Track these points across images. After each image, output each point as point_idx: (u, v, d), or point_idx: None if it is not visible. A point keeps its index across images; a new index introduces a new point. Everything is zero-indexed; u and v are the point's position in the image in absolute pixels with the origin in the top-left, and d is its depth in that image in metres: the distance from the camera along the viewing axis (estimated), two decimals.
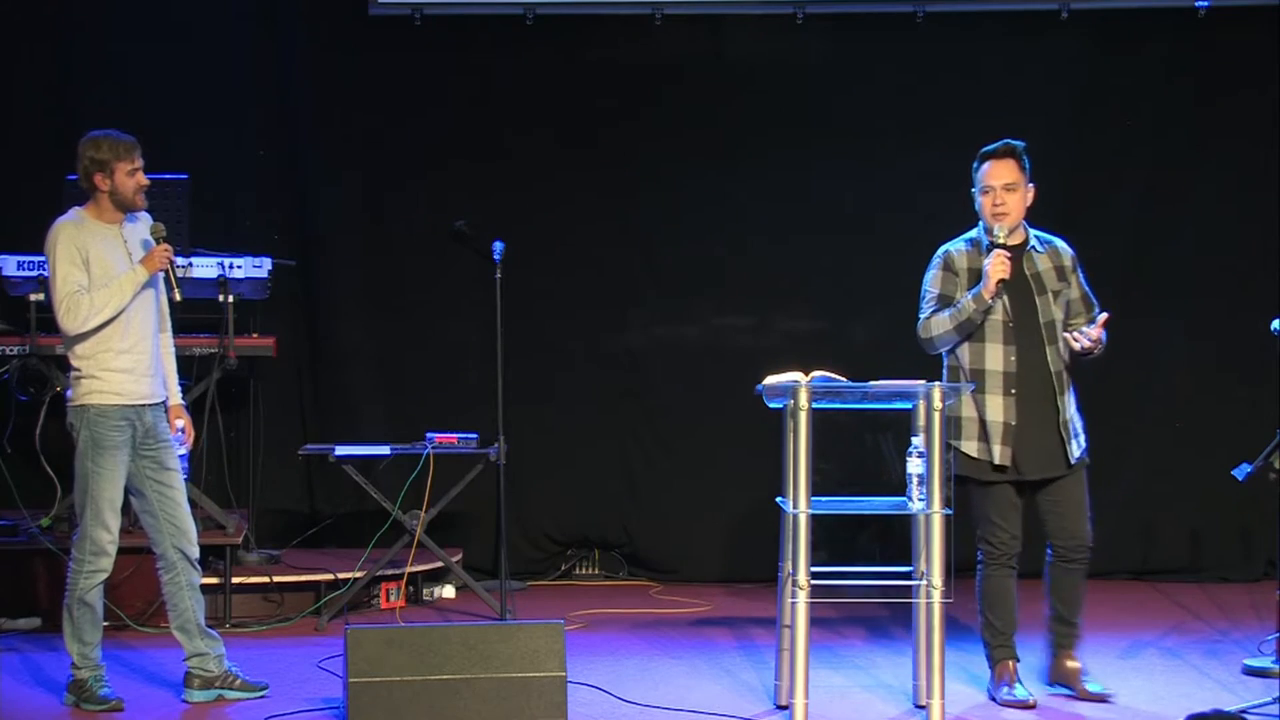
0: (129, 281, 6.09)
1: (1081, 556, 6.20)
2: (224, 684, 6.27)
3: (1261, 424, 7.45)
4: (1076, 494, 6.17)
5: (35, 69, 8.51)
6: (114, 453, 6.09)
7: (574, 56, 8.71)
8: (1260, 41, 8.47)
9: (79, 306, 6.02)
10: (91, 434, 6.09)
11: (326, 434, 8.40)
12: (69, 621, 6.15)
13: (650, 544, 8.78)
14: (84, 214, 6.18)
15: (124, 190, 6.13)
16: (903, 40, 8.65)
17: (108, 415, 6.09)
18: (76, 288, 6.03)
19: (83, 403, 6.12)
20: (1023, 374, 6.10)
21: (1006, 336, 6.11)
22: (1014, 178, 6.14)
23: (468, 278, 8.13)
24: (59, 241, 6.09)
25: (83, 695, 6.15)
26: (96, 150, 6.11)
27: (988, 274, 6.05)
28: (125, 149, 6.12)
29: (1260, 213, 8.55)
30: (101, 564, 6.11)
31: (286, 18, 8.61)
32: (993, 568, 6.19)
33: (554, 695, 5.79)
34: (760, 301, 8.79)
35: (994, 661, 6.26)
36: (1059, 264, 6.22)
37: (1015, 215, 6.15)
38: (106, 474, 6.09)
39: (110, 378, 6.09)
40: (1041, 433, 6.11)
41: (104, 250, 6.11)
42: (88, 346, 6.10)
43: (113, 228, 6.18)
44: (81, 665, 6.17)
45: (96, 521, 6.09)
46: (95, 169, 6.11)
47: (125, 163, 6.11)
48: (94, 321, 6.04)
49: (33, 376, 7.54)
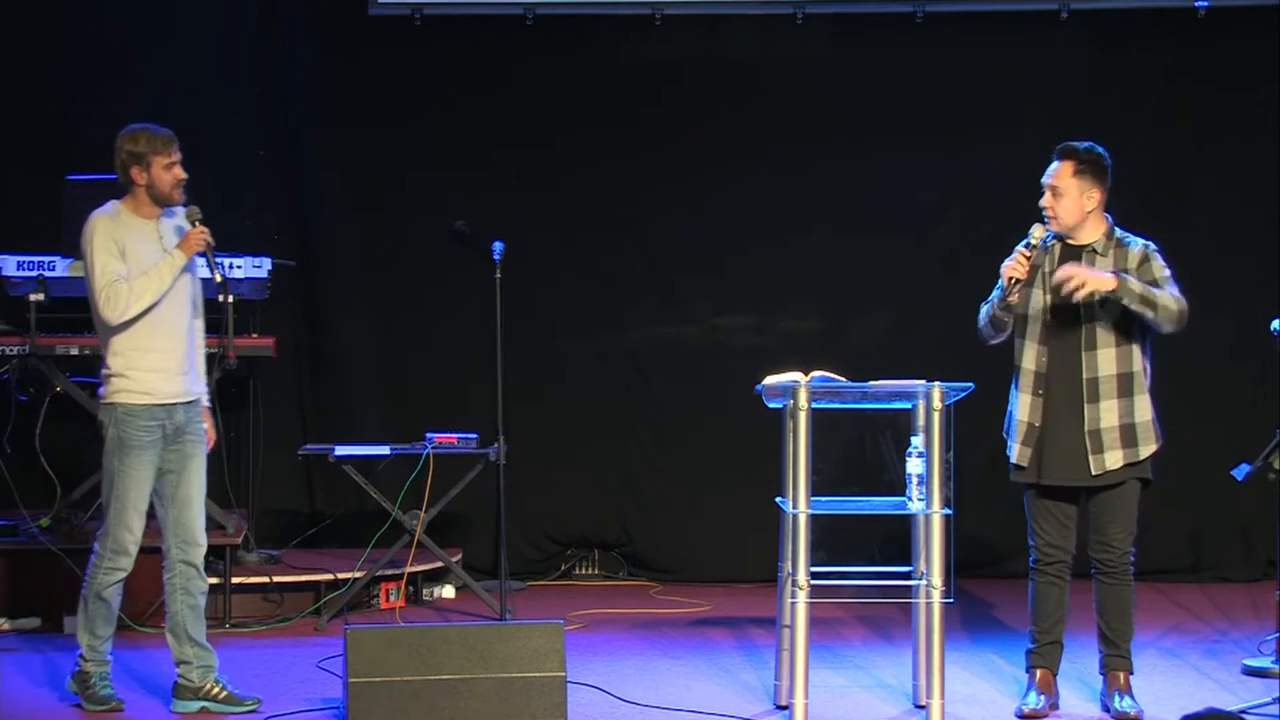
0: (167, 266, 6.02)
1: (1115, 569, 6.01)
2: (206, 695, 6.15)
3: (1261, 424, 7.46)
4: (1115, 505, 5.98)
5: (35, 69, 8.51)
6: (140, 453, 6.03)
7: (574, 56, 8.71)
8: (1260, 41, 8.48)
9: (118, 295, 5.95)
10: (119, 433, 6.03)
11: (326, 434, 8.40)
12: (83, 613, 6.12)
13: (650, 544, 8.78)
14: (120, 207, 6.10)
15: (161, 184, 6.05)
16: (903, 40, 8.65)
17: (136, 415, 6.02)
18: (115, 277, 5.95)
19: (112, 401, 6.05)
20: (1053, 375, 5.97)
21: (1042, 336, 5.98)
22: (1064, 180, 5.98)
23: (468, 278, 8.13)
24: (95, 233, 6.01)
25: (85, 690, 6.13)
26: (134, 144, 6.05)
27: (1003, 269, 5.99)
28: (163, 142, 6.05)
29: (1260, 213, 8.56)
30: (121, 562, 6.07)
31: (286, 18, 8.61)
32: (1034, 573, 6.10)
33: (554, 695, 5.80)
34: (760, 301, 8.79)
35: (1027, 667, 6.17)
36: (1121, 267, 5.97)
37: (1064, 217, 5.99)
38: (132, 474, 6.03)
39: (140, 376, 6.03)
40: (1066, 438, 5.95)
41: (139, 244, 6.03)
42: (120, 342, 6.02)
43: (149, 222, 6.10)
44: (89, 658, 6.14)
45: (119, 521, 6.04)
46: (132, 162, 6.05)
47: (162, 156, 6.03)
48: (135, 309, 5.96)
49: (33, 376, 7.55)
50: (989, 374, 6.32)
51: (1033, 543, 6.10)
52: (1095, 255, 6.01)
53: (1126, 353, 5.97)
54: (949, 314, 7.97)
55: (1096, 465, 5.94)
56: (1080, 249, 6.03)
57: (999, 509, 7.81)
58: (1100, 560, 6.03)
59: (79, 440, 8.02)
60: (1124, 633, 6.06)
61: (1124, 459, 5.95)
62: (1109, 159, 6.08)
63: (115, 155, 6.08)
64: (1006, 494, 6.41)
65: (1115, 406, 5.95)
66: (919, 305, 8.66)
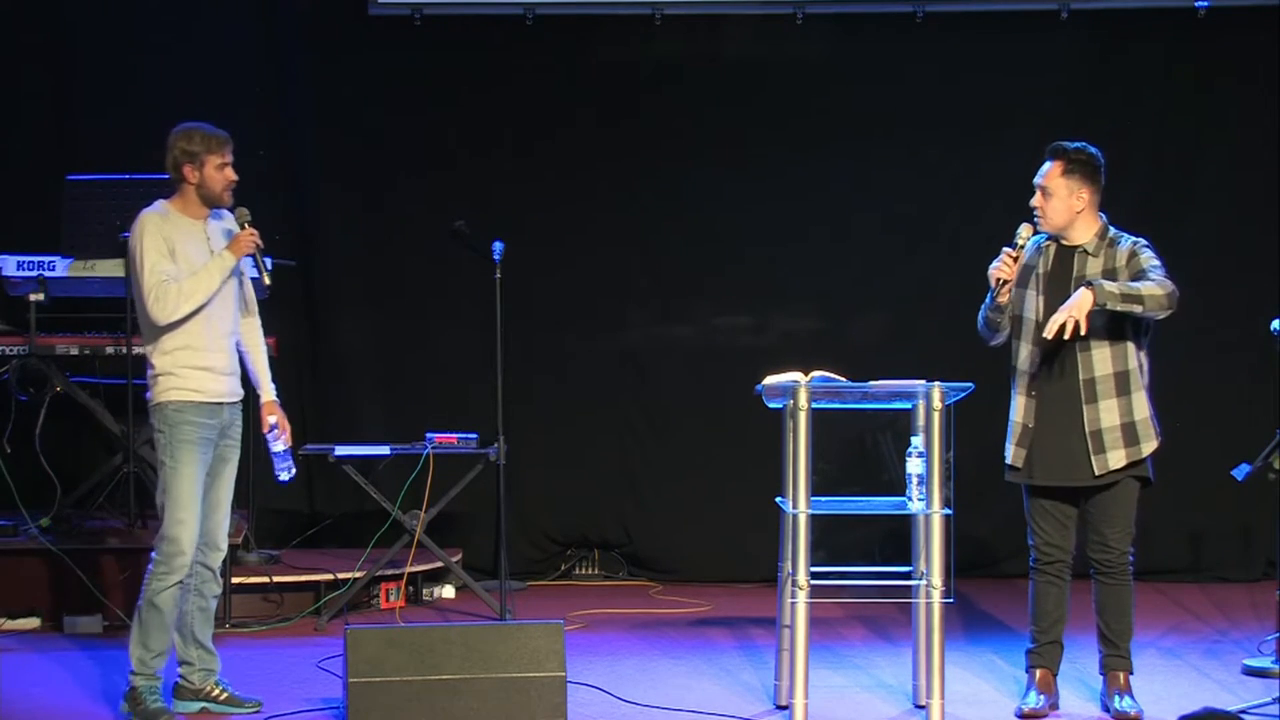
0: (217, 267, 5.94)
1: (1114, 569, 5.99)
2: (206, 696, 6.11)
3: (1261, 424, 7.45)
4: (1113, 505, 5.96)
5: (36, 69, 8.51)
6: (193, 448, 5.92)
7: (574, 56, 8.71)
8: (1260, 41, 8.47)
9: (167, 295, 5.85)
10: (171, 430, 5.92)
11: (326, 434, 8.39)
12: (137, 624, 5.94)
13: (650, 544, 8.78)
14: (169, 206, 6.01)
15: (212, 184, 5.97)
16: (903, 40, 8.66)
17: (185, 411, 5.92)
18: (164, 276, 5.87)
19: (161, 400, 5.95)
20: (1046, 376, 5.96)
21: (1035, 337, 5.97)
22: (1053, 180, 5.97)
23: (467, 278, 8.12)
24: (145, 233, 5.92)
25: (137, 708, 5.94)
26: (189, 142, 5.96)
27: (990, 269, 5.99)
28: (218, 143, 5.98)
29: (1260, 213, 8.56)
30: (177, 564, 5.88)
31: (286, 17, 8.61)
32: (1034, 573, 6.09)
33: (553, 695, 5.79)
34: (760, 301, 8.79)
35: (1027, 667, 6.17)
36: (1111, 266, 5.97)
37: (1053, 217, 5.97)
38: (185, 471, 5.91)
39: (189, 374, 5.93)
40: (1061, 439, 5.94)
41: (188, 244, 5.95)
42: (168, 342, 5.93)
43: (197, 223, 6.01)
44: (140, 672, 5.95)
45: (175, 519, 5.89)
46: (185, 160, 5.96)
47: (216, 156, 5.97)
48: (184, 309, 5.88)
49: (33, 376, 7.55)
50: (989, 374, 6.32)
51: (1032, 543, 6.09)
52: (1087, 256, 5.99)
53: (1121, 351, 5.95)
54: (948, 314, 7.97)
55: (1099, 465, 5.93)
56: (1073, 250, 6.02)
57: (998, 509, 7.81)
58: (1099, 560, 6.02)
59: (79, 440, 8.04)
60: (1123, 633, 6.05)
61: (1126, 458, 5.94)
62: (1101, 159, 6.05)
63: (168, 152, 6.00)
64: (1006, 494, 6.41)
65: (1115, 406, 5.94)
66: (918, 305, 8.65)
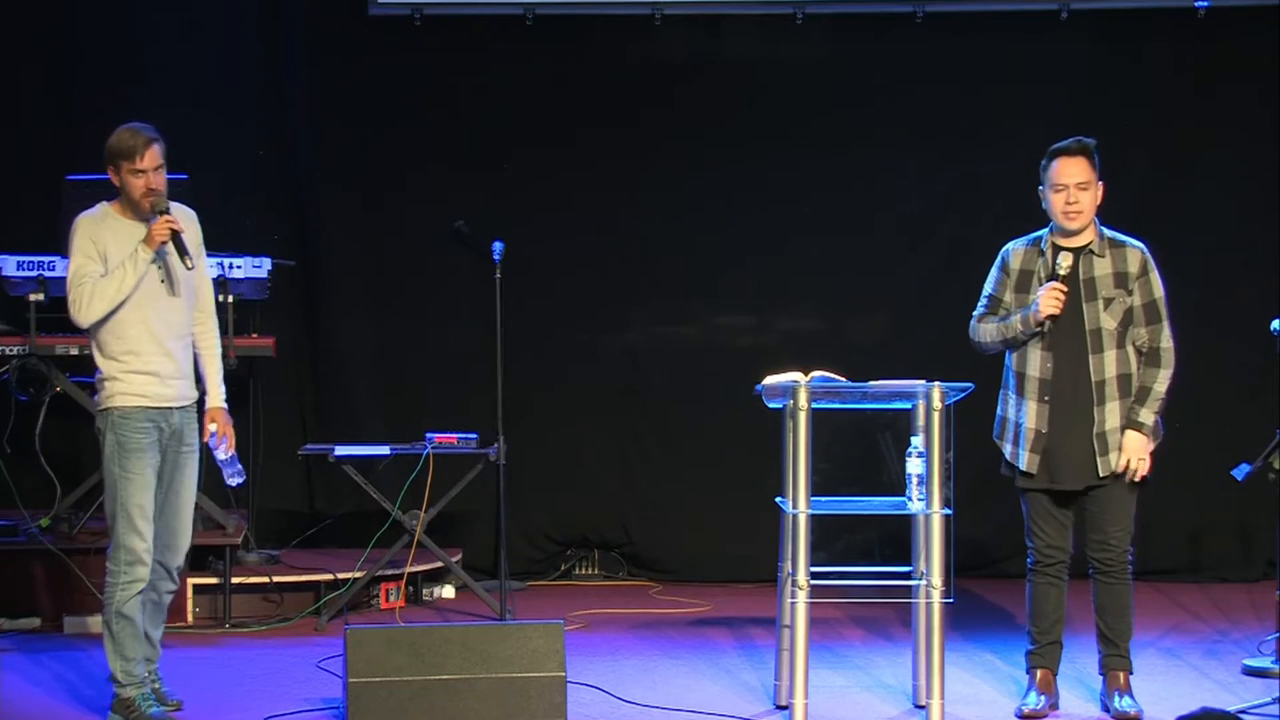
0: (131, 263, 5.76)
1: (1114, 569, 6.00)
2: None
3: (1261, 424, 7.45)
4: (1113, 504, 5.97)
5: (36, 69, 8.51)
6: (140, 456, 5.83)
7: (574, 56, 8.71)
8: (1260, 41, 8.47)
9: (82, 295, 5.75)
10: (117, 438, 5.84)
11: (326, 434, 8.39)
12: (109, 637, 5.85)
13: (650, 544, 8.78)
14: (109, 209, 5.90)
15: (129, 189, 5.82)
16: (903, 40, 8.65)
17: (131, 417, 5.84)
18: (84, 277, 5.77)
19: (107, 406, 5.87)
20: (1060, 381, 5.94)
21: (1047, 342, 5.95)
22: (1087, 175, 5.95)
23: (468, 278, 8.13)
24: (76, 234, 5.84)
25: (130, 715, 5.87)
26: (115, 143, 5.82)
27: (1038, 306, 5.89)
28: (130, 148, 5.79)
29: (1260, 213, 8.56)
30: (138, 573, 5.81)
31: (286, 18, 8.61)
32: (1033, 574, 6.08)
33: (553, 695, 5.79)
34: (760, 301, 8.79)
35: (1027, 668, 6.16)
36: (1122, 270, 5.97)
37: (1088, 214, 5.96)
38: (135, 479, 5.83)
39: (134, 380, 5.84)
40: (1075, 442, 5.93)
41: (122, 247, 5.80)
42: (111, 347, 5.85)
43: (138, 225, 5.85)
44: (126, 683, 5.87)
45: (129, 529, 5.81)
46: (109, 162, 5.85)
47: (128, 160, 5.79)
48: (99, 308, 5.76)
49: (33, 376, 7.54)
50: (989, 374, 6.31)
51: (1031, 544, 6.09)
52: (1093, 257, 6.00)
53: (1125, 354, 5.99)
54: (949, 314, 7.92)
55: (1104, 466, 5.94)
56: (1078, 250, 6.02)
57: (998, 509, 7.81)
58: (1099, 560, 6.03)
59: (79, 440, 8.03)
60: (1123, 632, 6.06)
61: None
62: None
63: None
64: (1005, 494, 6.40)
65: (1119, 408, 5.96)
66: (918, 305, 8.66)
